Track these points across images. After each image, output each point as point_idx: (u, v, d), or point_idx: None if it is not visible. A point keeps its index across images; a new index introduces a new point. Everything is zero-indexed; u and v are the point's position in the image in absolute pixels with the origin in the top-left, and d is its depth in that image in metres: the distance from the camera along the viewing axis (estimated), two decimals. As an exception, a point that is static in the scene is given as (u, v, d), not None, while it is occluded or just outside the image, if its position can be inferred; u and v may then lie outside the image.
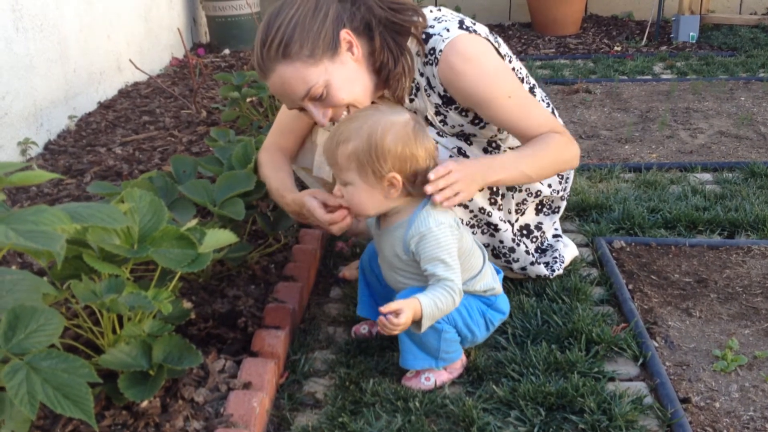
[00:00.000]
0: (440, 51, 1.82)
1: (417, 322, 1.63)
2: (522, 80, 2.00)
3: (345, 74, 1.77)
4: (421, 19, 1.84)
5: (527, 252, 2.09)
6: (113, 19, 4.17)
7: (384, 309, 1.59)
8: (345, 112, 1.81)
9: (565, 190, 2.16)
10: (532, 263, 2.11)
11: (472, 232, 2.00)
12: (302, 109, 1.84)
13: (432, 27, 1.86)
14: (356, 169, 1.64)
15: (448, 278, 1.64)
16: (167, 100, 3.99)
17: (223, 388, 1.62)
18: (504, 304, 1.83)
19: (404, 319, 1.59)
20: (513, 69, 1.97)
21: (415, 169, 1.64)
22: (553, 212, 2.18)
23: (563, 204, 2.20)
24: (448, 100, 1.89)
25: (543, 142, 1.87)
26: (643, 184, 2.93)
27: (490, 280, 1.81)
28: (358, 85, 1.80)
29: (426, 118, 1.93)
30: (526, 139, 1.91)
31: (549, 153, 1.87)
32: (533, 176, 1.87)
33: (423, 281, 1.70)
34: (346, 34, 1.76)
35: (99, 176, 2.88)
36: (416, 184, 1.66)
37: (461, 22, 1.87)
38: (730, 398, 1.71)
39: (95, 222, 1.34)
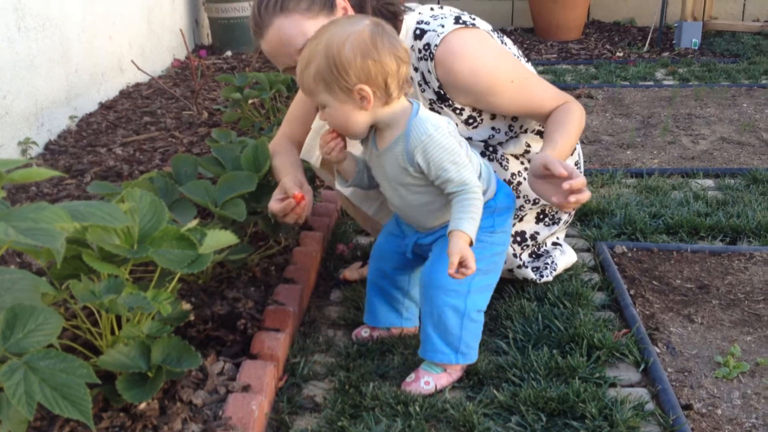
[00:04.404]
0: (435, 46, 1.83)
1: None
2: None
3: None
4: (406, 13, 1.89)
5: (514, 255, 2.08)
6: (116, 19, 4.17)
7: (451, 269, 1.56)
8: None
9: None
10: (519, 266, 2.10)
11: None
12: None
13: (428, 23, 1.87)
14: (325, 89, 1.61)
15: (463, 181, 1.61)
16: (168, 101, 3.98)
17: (222, 391, 1.61)
18: (505, 197, 1.79)
19: (473, 263, 1.57)
20: None
21: (385, 77, 1.59)
22: (554, 223, 2.16)
23: (565, 217, 2.18)
24: (442, 97, 1.89)
25: (565, 122, 1.89)
26: (644, 190, 2.92)
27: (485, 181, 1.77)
28: None
29: None
30: (540, 117, 1.95)
31: (575, 129, 1.90)
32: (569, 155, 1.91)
33: (435, 191, 1.68)
34: (341, 0, 1.79)
35: (99, 177, 2.87)
36: (391, 92, 1.61)
37: (458, 18, 1.88)
38: (732, 405, 1.70)
39: (95, 220, 1.33)
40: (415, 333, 1.96)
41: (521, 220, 2.09)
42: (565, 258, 2.23)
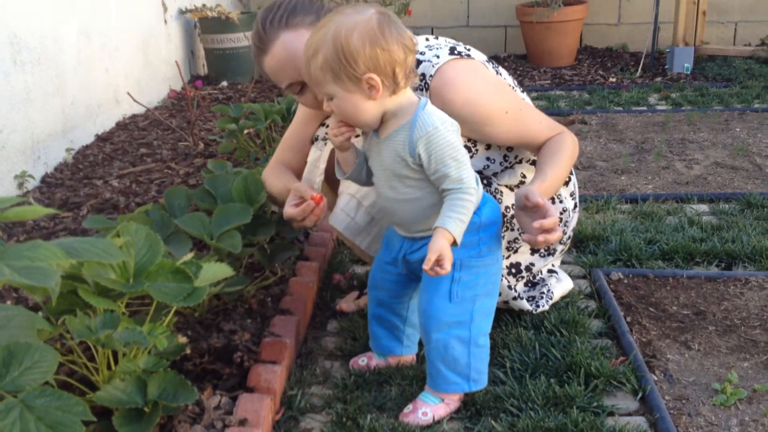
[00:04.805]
0: (430, 77, 1.84)
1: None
2: None
3: None
4: None
5: (509, 287, 2.08)
6: (111, 52, 4.20)
7: (427, 266, 1.56)
8: None
9: (564, 233, 2.15)
10: (514, 298, 2.09)
11: None
12: (300, 89, 1.87)
13: (423, 54, 1.88)
14: (332, 79, 1.59)
15: (461, 179, 1.61)
16: (165, 132, 4.00)
17: (219, 425, 1.60)
18: (490, 212, 1.75)
19: (448, 264, 1.58)
20: None
21: (393, 66, 1.59)
22: (549, 254, 2.17)
23: (561, 247, 2.19)
24: None
25: (557, 153, 1.92)
26: (639, 215, 2.93)
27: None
28: None
29: None
30: (534, 147, 1.97)
31: (566, 161, 1.93)
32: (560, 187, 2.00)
33: (427, 187, 1.67)
34: None
35: (95, 209, 2.87)
36: (398, 81, 1.61)
37: (453, 49, 1.89)
38: (730, 433, 1.70)
39: (90, 257, 1.34)
40: (412, 362, 1.96)
41: (516, 252, 2.10)
42: (561, 285, 2.23)
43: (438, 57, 1.86)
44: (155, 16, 4.95)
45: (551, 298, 2.17)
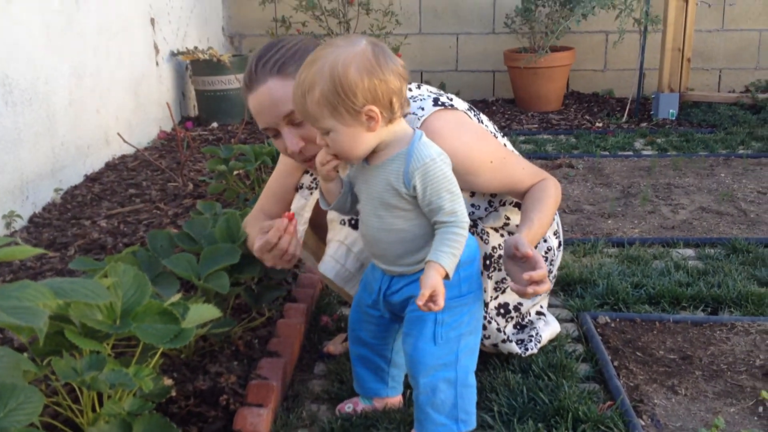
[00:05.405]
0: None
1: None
2: None
3: None
4: None
5: (499, 330, 2.08)
6: (103, 93, 4.23)
7: (420, 301, 1.55)
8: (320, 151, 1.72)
9: (550, 272, 2.16)
10: (503, 341, 2.10)
11: None
12: (275, 134, 1.87)
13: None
14: (330, 113, 1.57)
15: (454, 211, 1.61)
16: (154, 173, 4.01)
17: (204, 468, 1.59)
18: (467, 250, 1.69)
19: (441, 300, 1.56)
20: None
21: (390, 96, 1.58)
22: (536, 293, 2.17)
23: None
24: None
25: (542, 199, 1.95)
26: (626, 259, 2.95)
27: None
28: None
29: None
30: (518, 194, 2.00)
31: (551, 206, 1.96)
32: (545, 233, 2.00)
33: (414, 220, 1.66)
34: None
35: (83, 249, 2.87)
36: (395, 111, 1.61)
37: (436, 100, 1.91)
38: (718, 478, 1.69)
39: (78, 297, 1.34)
40: (399, 405, 1.95)
41: (503, 292, 2.10)
42: (550, 329, 2.23)
43: (422, 109, 1.88)
44: (147, 58, 5.00)
45: (540, 341, 2.17)
